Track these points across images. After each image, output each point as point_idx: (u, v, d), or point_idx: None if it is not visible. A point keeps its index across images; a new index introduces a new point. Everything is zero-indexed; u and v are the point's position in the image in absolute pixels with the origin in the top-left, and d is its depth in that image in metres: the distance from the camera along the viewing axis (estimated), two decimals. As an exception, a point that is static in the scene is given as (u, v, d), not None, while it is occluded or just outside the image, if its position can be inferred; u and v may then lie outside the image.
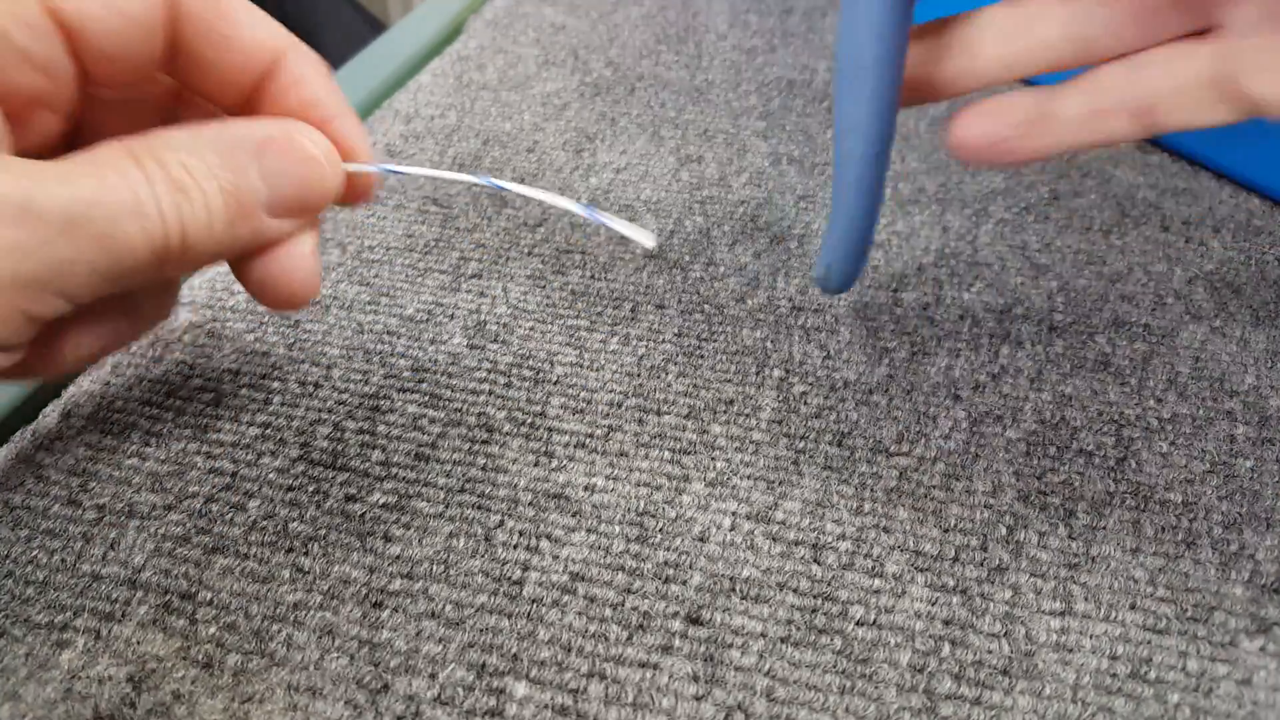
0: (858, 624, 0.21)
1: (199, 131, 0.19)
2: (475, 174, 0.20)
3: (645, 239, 0.21)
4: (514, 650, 0.20)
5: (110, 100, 0.22)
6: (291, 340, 0.28)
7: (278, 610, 0.21)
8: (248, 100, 0.21)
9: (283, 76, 0.21)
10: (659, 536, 0.23)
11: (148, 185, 0.18)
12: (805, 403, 0.26)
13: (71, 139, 0.21)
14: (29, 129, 0.20)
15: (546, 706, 0.19)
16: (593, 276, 0.30)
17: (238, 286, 0.29)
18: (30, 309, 0.17)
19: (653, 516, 0.23)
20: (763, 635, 0.21)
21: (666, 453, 0.25)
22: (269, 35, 0.21)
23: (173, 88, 0.22)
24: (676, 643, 0.21)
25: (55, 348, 0.20)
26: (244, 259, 0.21)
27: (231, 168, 0.19)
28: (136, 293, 0.21)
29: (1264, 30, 0.21)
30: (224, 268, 0.30)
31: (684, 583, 0.22)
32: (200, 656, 0.20)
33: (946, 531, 0.23)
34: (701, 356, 0.27)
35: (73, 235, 0.17)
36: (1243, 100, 0.21)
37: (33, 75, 0.19)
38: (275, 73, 0.21)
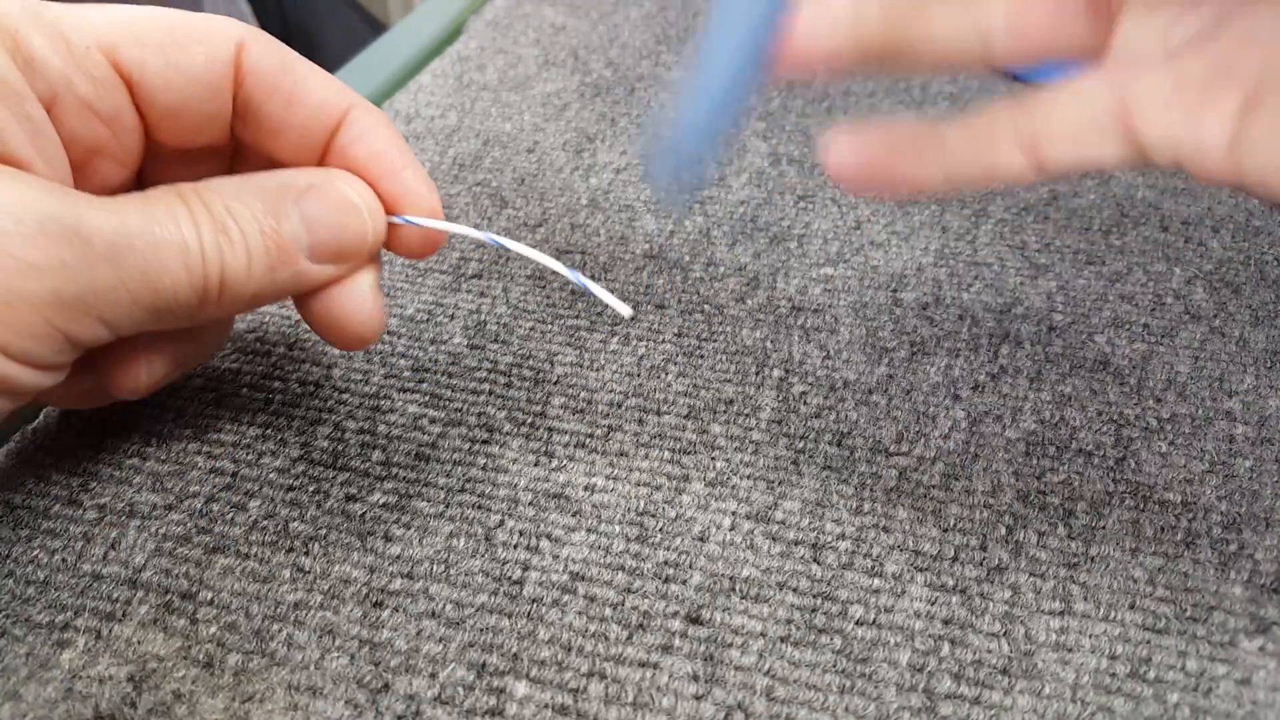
0: (857, 623, 0.21)
1: (247, 179, 0.20)
2: (483, 232, 0.22)
3: (623, 309, 0.22)
4: (514, 650, 0.20)
5: (174, 151, 0.22)
6: (292, 340, 0.28)
7: (278, 610, 0.21)
8: (318, 160, 0.22)
9: (347, 132, 0.21)
10: (659, 536, 0.23)
11: (192, 224, 0.19)
12: (805, 403, 0.26)
13: (131, 187, 0.22)
14: (91, 175, 0.21)
15: (547, 706, 0.20)
16: (593, 276, 0.30)
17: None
18: (69, 330, 0.18)
19: (653, 516, 0.23)
20: (762, 635, 0.21)
21: (666, 452, 0.25)
22: (335, 94, 0.21)
23: (234, 139, 0.22)
24: (676, 642, 0.21)
25: (130, 372, 0.22)
26: (306, 300, 0.21)
27: (273, 213, 0.20)
28: (203, 325, 0.22)
29: (1159, 60, 0.18)
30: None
31: (684, 582, 0.22)
32: (201, 656, 0.20)
33: (946, 531, 0.23)
34: (701, 356, 0.27)
35: (117, 263, 0.18)
36: (1133, 143, 0.19)
37: (96, 126, 0.20)
38: (341, 129, 0.21)
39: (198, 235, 0.19)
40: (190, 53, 0.20)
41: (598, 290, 0.22)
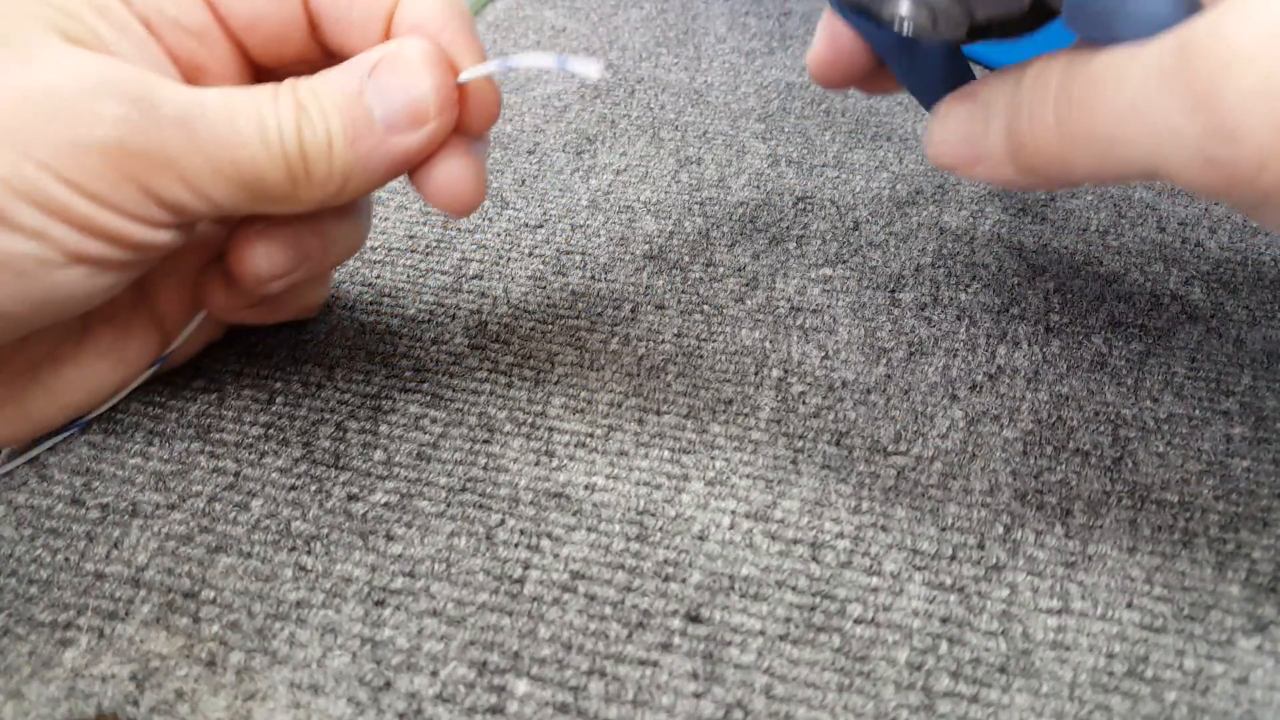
0: (856, 622, 0.21)
1: (329, 69, 0.21)
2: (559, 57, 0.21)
3: (592, 69, 0.21)
4: (515, 648, 0.21)
5: (273, 71, 0.23)
6: (294, 341, 0.28)
7: (280, 609, 0.21)
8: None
9: (401, 10, 0.22)
10: (659, 535, 0.23)
11: (271, 101, 0.20)
12: (804, 402, 0.26)
13: None
14: None
15: (547, 704, 0.20)
16: (593, 277, 0.30)
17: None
18: (149, 184, 0.19)
19: (652, 515, 0.23)
20: (762, 633, 0.21)
21: (666, 452, 0.25)
22: None
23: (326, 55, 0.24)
24: (676, 640, 0.21)
25: (248, 258, 0.23)
26: (414, 176, 0.23)
27: (347, 90, 0.21)
28: (321, 214, 0.23)
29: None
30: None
31: (683, 581, 0.22)
32: (203, 655, 0.20)
33: (944, 530, 0.23)
34: (701, 357, 0.28)
35: (188, 128, 0.19)
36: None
37: (190, 43, 0.22)
38: (397, 9, 0.22)
39: (275, 111, 0.20)
40: None
41: (566, 61, 0.21)
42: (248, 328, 0.28)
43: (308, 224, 0.23)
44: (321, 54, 0.23)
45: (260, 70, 0.23)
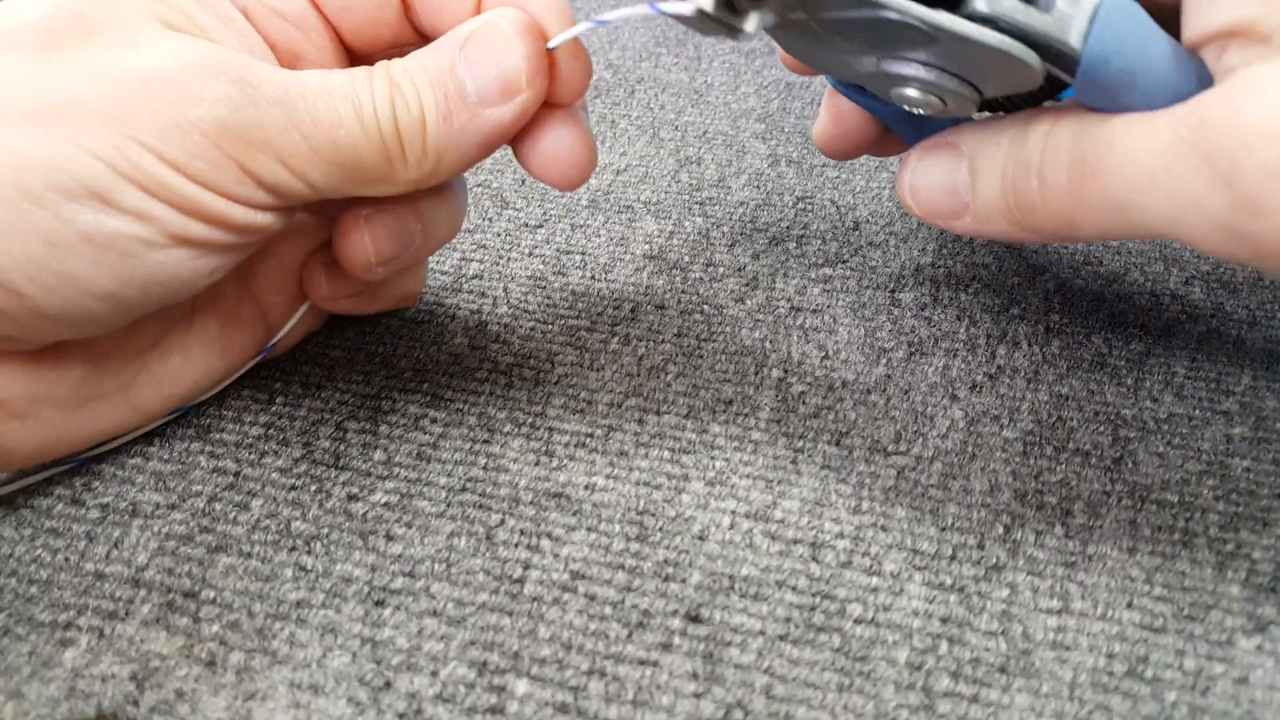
0: (856, 622, 0.21)
1: (422, 48, 0.21)
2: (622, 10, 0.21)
3: (685, 8, 0.18)
4: (515, 648, 0.21)
5: (368, 57, 0.23)
6: (294, 341, 0.28)
7: (280, 608, 0.21)
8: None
9: None
10: (659, 535, 0.23)
11: (367, 81, 0.20)
12: (804, 402, 0.26)
13: None
14: None
15: (547, 704, 0.20)
16: (593, 277, 0.30)
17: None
18: (247, 163, 0.19)
19: (652, 515, 0.23)
20: (762, 633, 0.21)
21: (666, 452, 0.25)
22: None
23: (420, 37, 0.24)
24: (676, 640, 0.21)
25: (355, 244, 0.23)
26: (518, 149, 0.23)
27: (440, 66, 0.21)
28: (419, 197, 0.24)
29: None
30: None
31: (683, 581, 0.22)
32: (203, 655, 0.20)
33: (944, 530, 0.23)
34: (701, 356, 0.28)
35: (286, 106, 0.19)
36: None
37: (288, 29, 0.22)
38: None
39: (370, 90, 0.20)
40: None
41: (657, 5, 0.19)
42: (349, 319, 0.28)
43: (408, 208, 0.24)
44: (415, 37, 0.23)
45: (355, 56, 0.24)
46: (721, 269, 0.31)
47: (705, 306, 0.29)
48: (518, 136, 0.23)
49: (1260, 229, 0.17)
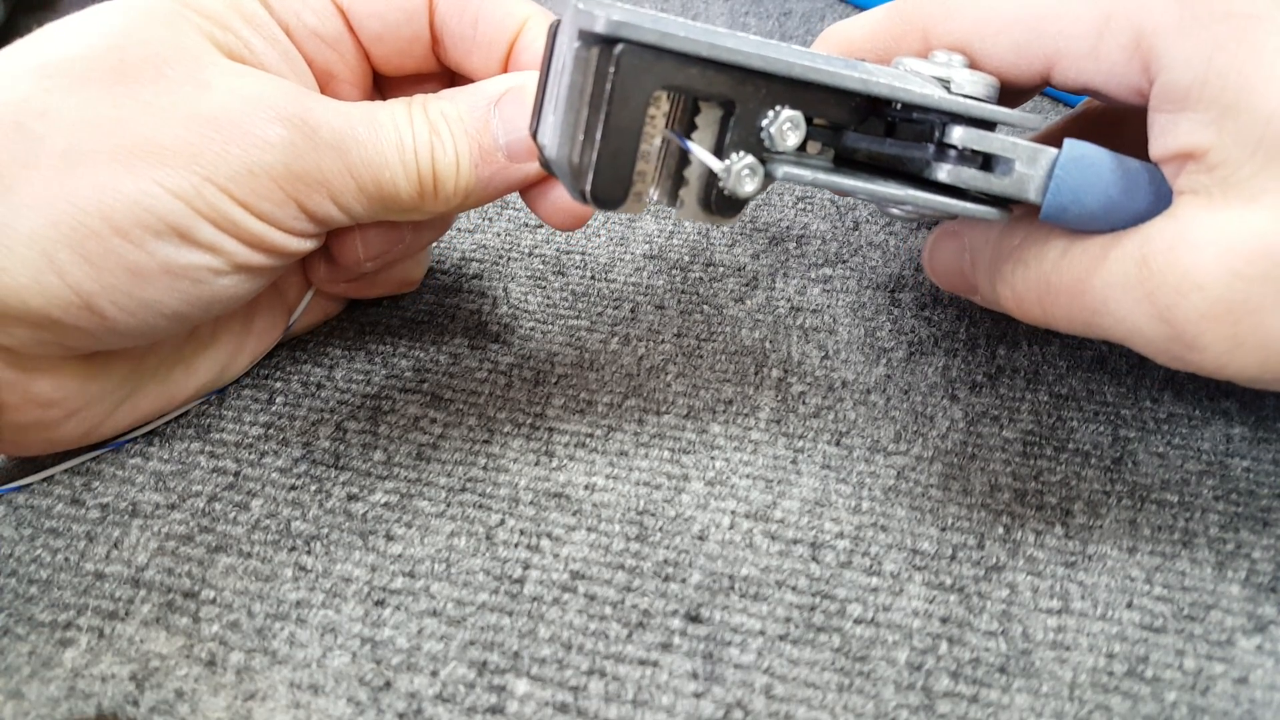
0: (856, 622, 0.21)
1: (457, 91, 0.23)
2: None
3: None
4: (515, 648, 0.21)
5: (396, 80, 0.26)
6: (294, 340, 0.28)
7: (280, 608, 0.21)
8: (503, 70, 0.24)
9: (523, 39, 0.23)
10: (658, 535, 0.23)
11: (409, 125, 0.22)
12: (803, 402, 0.26)
13: None
14: (331, 96, 0.24)
15: (547, 704, 0.20)
16: (593, 277, 0.30)
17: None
18: (304, 201, 0.21)
19: (652, 515, 0.23)
20: (761, 633, 0.21)
21: (666, 452, 0.25)
22: (515, 5, 0.24)
23: (445, 69, 0.25)
24: (676, 640, 0.21)
25: (346, 245, 0.25)
26: (527, 197, 0.24)
27: (475, 116, 0.22)
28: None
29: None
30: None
31: (683, 581, 0.22)
32: (203, 655, 0.20)
33: (944, 530, 0.23)
34: (700, 357, 0.28)
35: (342, 152, 0.21)
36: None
37: (325, 50, 0.24)
38: (518, 38, 0.24)
39: (413, 135, 0.22)
40: None
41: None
42: (352, 320, 0.29)
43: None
44: (439, 68, 0.25)
45: (381, 78, 0.26)
46: (721, 269, 0.31)
47: (705, 306, 0.29)
48: (530, 184, 0.24)
49: (1199, 360, 0.19)
